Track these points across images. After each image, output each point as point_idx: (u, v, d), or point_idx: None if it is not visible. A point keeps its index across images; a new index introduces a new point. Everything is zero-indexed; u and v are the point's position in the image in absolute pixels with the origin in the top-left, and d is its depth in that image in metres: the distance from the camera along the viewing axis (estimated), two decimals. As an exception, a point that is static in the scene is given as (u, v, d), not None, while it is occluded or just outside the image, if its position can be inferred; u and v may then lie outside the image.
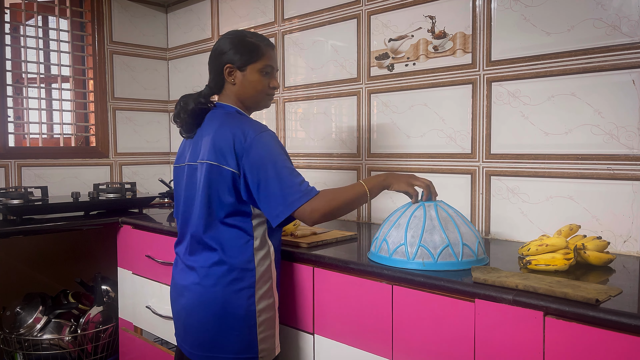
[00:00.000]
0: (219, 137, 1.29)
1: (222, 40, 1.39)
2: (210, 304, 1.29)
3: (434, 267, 1.20)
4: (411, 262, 1.23)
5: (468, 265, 1.21)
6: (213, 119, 1.36)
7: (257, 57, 1.36)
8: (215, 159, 1.28)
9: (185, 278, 1.37)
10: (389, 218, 1.35)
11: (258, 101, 1.42)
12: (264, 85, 1.39)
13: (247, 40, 1.37)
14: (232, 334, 1.28)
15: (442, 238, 1.22)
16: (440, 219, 1.25)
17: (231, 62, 1.35)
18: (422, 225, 1.24)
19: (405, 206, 1.34)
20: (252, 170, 1.25)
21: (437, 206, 1.29)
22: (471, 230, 1.27)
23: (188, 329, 1.35)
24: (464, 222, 1.28)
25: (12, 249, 2.54)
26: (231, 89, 1.39)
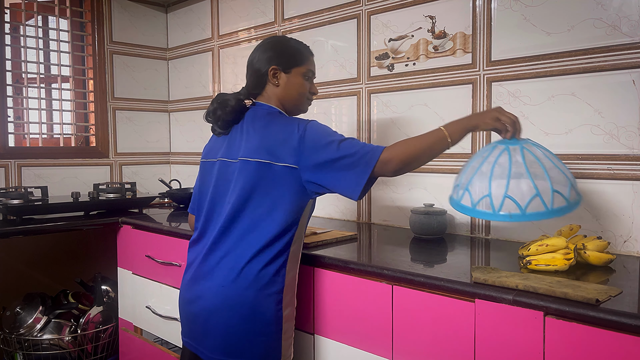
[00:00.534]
0: (269, 135, 1.29)
1: (265, 44, 1.41)
2: (238, 307, 1.26)
3: (522, 218, 1.11)
4: (497, 214, 1.13)
5: (559, 214, 1.10)
6: (255, 117, 1.36)
7: (301, 62, 1.40)
8: (265, 157, 1.27)
9: (207, 278, 1.31)
10: (470, 163, 1.23)
11: (298, 104, 1.43)
12: (306, 89, 1.42)
13: (292, 45, 1.41)
14: (259, 339, 1.26)
15: (530, 187, 1.10)
16: (527, 164, 1.13)
17: (277, 64, 1.37)
18: (507, 174, 1.13)
19: (487, 150, 1.22)
20: (314, 157, 1.24)
21: (523, 149, 1.16)
22: (561, 172, 1.13)
23: (210, 332, 1.29)
24: (554, 164, 1.14)
25: (12, 249, 2.54)
26: (273, 91, 1.40)
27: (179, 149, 3.10)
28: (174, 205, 2.63)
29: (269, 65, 1.37)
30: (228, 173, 1.35)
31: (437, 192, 1.84)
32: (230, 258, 1.29)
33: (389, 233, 1.81)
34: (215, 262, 1.31)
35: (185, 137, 3.04)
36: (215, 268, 1.31)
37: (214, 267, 1.31)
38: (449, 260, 1.44)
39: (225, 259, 1.29)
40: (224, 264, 1.29)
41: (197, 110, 2.93)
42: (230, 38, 2.69)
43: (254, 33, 2.56)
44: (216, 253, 1.32)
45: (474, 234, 1.75)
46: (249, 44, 2.60)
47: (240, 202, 1.29)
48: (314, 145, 1.25)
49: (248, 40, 2.59)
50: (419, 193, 1.90)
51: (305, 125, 1.28)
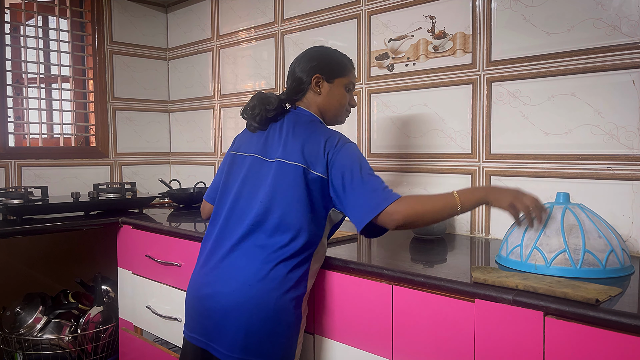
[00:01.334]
0: (311, 143, 1.31)
1: (311, 53, 1.43)
2: (262, 307, 1.24)
3: (546, 271, 1.16)
4: (524, 263, 1.19)
5: (588, 274, 1.13)
6: (297, 122, 1.38)
7: (344, 73, 1.43)
8: (302, 162, 1.29)
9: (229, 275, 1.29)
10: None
11: (337, 115, 1.45)
12: (346, 100, 1.45)
13: (336, 55, 1.44)
14: (280, 340, 1.26)
15: (561, 243, 1.16)
16: (564, 222, 1.18)
17: (321, 72, 1.39)
18: (541, 228, 1.20)
19: None
20: (339, 175, 1.27)
21: (567, 209, 1.21)
22: (605, 239, 1.16)
23: (229, 329, 1.26)
24: (598, 230, 1.17)
25: (12, 249, 2.54)
26: (314, 99, 1.41)
27: (179, 149, 3.10)
28: (174, 205, 2.63)
29: (313, 74, 1.39)
30: (261, 171, 1.35)
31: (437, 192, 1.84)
32: (257, 257, 1.27)
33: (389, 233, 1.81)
34: (240, 259, 1.29)
35: (185, 137, 3.04)
36: (239, 265, 1.28)
37: (238, 265, 1.29)
38: (449, 260, 1.44)
39: (252, 258, 1.28)
40: (251, 262, 1.27)
41: (197, 110, 2.93)
42: (230, 38, 2.69)
43: (254, 33, 2.56)
44: (241, 250, 1.30)
45: (474, 234, 1.75)
46: (249, 44, 2.60)
47: (272, 202, 1.29)
48: (343, 165, 1.27)
49: (248, 40, 2.59)
50: (419, 193, 1.90)
51: (345, 142, 1.31)
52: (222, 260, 1.31)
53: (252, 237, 1.30)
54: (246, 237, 1.30)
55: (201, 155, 2.92)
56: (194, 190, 2.57)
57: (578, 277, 1.12)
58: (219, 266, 1.31)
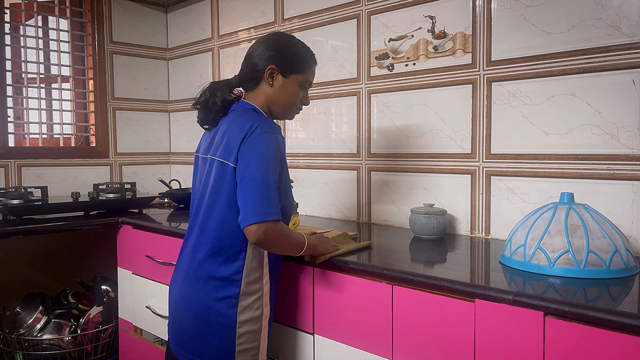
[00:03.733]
0: (229, 134, 1.27)
1: (271, 40, 1.36)
2: (193, 306, 1.28)
3: (549, 271, 1.16)
4: (527, 264, 1.20)
5: (592, 275, 1.13)
6: (233, 115, 1.34)
7: (302, 69, 1.36)
8: (224, 156, 1.26)
9: (178, 272, 1.38)
10: (522, 218, 1.32)
11: (286, 111, 1.40)
12: (298, 98, 1.39)
13: (298, 50, 1.37)
14: (212, 341, 1.26)
15: (564, 243, 1.16)
16: (568, 222, 1.18)
17: (277, 65, 1.33)
18: (545, 228, 1.20)
19: (540, 208, 1.29)
20: (242, 164, 1.21)
21: (571, 209, 1.22)
22: (609, 239, 1.16)
23: (175, 325, 1.36)
24: (602, 230, 1.17)
25: (12, 249, 2.54)
26: (264, 91, 1.36)
27: (179, 149, 3.10)
28: (173, 205, 2.63)
29: (268, 64, 1.32)
30: (204, 170, 1.36)
31: (437, 192, 1.85)
32: (192, 257, 1.32)
33: (389, 233, 1.81)
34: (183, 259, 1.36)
35: (185, 137, 3.04)
36: (182, 265, 1.36)
37: (182, 264, 1.36)
38: (449, 260, 1.43)
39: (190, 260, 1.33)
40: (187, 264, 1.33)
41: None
42: (230, 38, 2.69)
43: (254, 33, 2.56)
44: (185, 251, 1.37)
45: (473, 234, 1.75)
46: (249, 44, 2.59)
47: (208, 202, 1.30)
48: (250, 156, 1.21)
49: (248, 40, 2.59)
50: (419, 193, 1.90)
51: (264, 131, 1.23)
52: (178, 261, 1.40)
53: (191, 237, 1.35)
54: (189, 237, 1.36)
55: (201, 155, 2.91)
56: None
57: (581, 278, 1.13)
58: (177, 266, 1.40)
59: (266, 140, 1.22)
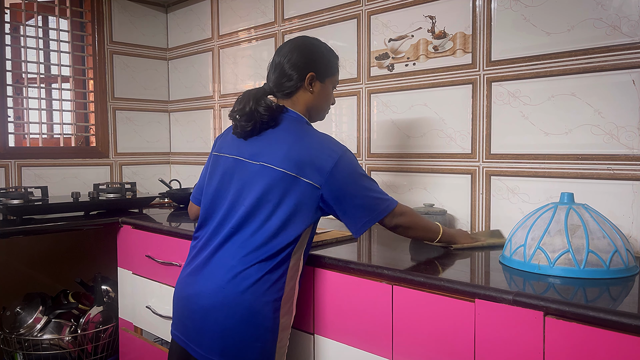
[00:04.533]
0: (300, 149, 1.27)
1: (304, 46, 1.37)
2: (236, 309, 1.23)
3: (549, 271, 1.16)
4: (527, 264, 1.20)
5: (592, 275, 1.13)
6: (286, 125, 1.34)
7: (334, 71, 1.43)
8: (291, 168, 1.26)
9: (208, 276, 1.29)
10: (522, 218, 1.32)
11: (322, 113, 1.45)
12: (331, 99, 1.46)
13: (329, 53, 1.42)
14: (255, 344, 1.24)
15: (564, 243, 1.16)
16: (568, 222, 1.19)
17: (315, 71, 1.36)
18: (545, 228, 1.20)
19: (540, 208, 1.30)
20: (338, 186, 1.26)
21: (571, 209, 1.22)
22: (610, 239, 1.16)
23: (207, 331, 1.27)
24: (602, 230, 1.17)
25: (12, 249, 2.54)
26: (304, 97, 1.38)
27: (179, 149, 3.10)
28: (174, 205, 2.63)
29: (307, 72, 1.35)
30: (245, 174, 1.32)
31: (437, 192, 1.85)
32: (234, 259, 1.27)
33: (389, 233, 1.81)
34: (219, 261, 1.29)
35: (185, 137, 3.04)
36: (218, 267, 1.29)
37: (217, 266, 1.29)
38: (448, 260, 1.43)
39: (230, 259, 1.27)
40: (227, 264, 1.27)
41: (197, 110, 2.93)
42: (230, 38, 2.69)
43: (254, 33, 2.56)
44: (222, 252, 1.30)
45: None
46: (249, 44, 2.60)
47: (255, 206, 1.27)
48: (345, 175, 1.27)
49: (248, 40, 2.59)
50: (419, 193, 1.90)
51: (342, 152, 1.29)
52: (205, 262, 1.32)
53: (233, 239, 1.29)
54: (228, 239, 1.30)
55: (201, 155, 2.92)
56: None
57: (581, 278, 1.12)
58: (202, 267, 1.32)
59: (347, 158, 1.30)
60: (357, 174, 1.29)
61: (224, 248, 1.30)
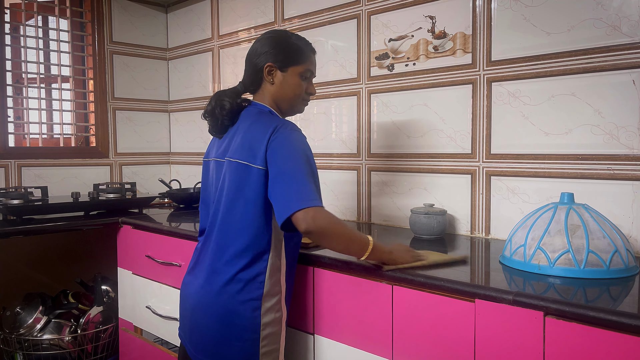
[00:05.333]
0: (250, 135, 1.26)
1: (264, 39, 1.36)
2: (214, 309, 1.26)
3: (549, 271, 1.16)
4: (527, 264, 1.20)
5: (592, 275, 1.13)
6: (246, 117, 1.34)
7: (299, 60, 1.35)
8: (245, 157, 1.25)
9: (195, 276, 1.34)
10: (522, 219, 1.32)
11: (293, 105, 1.39)
12: (302, 90, 1.38)
13: (292, 42, 1.36)
14: (234, 344, 1.24)
15: (564, 243, 1.16)
16: (568, 222, 1.18)
17: (273, 61, 1.33)
18: (545, 228, 1.20)
19: (540, 208, 1.30)
20: (274, 162, 1.20)
21: (571, 209, 1.21)
22: (610, 239, 1.16)
23: (194, 329, 1.31)
24: (602, 230, 1.17)
25: (12, 249, 2.54)
26: (268, 89, 1.36)
27: (179, 149, 3.10)
28: (174, 205, 2.63)
29: (265, 62, 1.33)
30: (220, 173, 1.34)
31: (437, 192, 1.84)
32: (209, 259, 1.30)
33: (389, 233, 1.81)
34: (202, 261, 1.34)
35: (185, 137, 3.04)
36: (201, 267, 1.34)
37: (200, 266, 1.34)
38: (449, 260, 1.43)
39: (207, 260, 1.31)
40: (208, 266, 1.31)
41: (197, 110, 2.93)
42: (230, 38, 2.69)
43: (254, 33, 2.56)
44: (204, 253, 1.34)
45: (473, 234, 1.75)
46: (249, 44, 2.59)
47: (226, 203, 1.28)
48: (280, 154, 1.20)
49: (248, 40, 2.59)
50: (419, 193, 1.90)
51: (288, 129, 1.23)
52: (194, 264, 1.38)
53: (212, 240, 1.33)
54: (210, 240, 1.33)
55: (201, 156, 2.92)
56: (194, 190, 2.57)
57: (581, 278, 1.12)
58: (193, 269, 1.38)
59: (292, 136, 1.23)
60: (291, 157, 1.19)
61: (206, 248, 1.35)
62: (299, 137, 1.24)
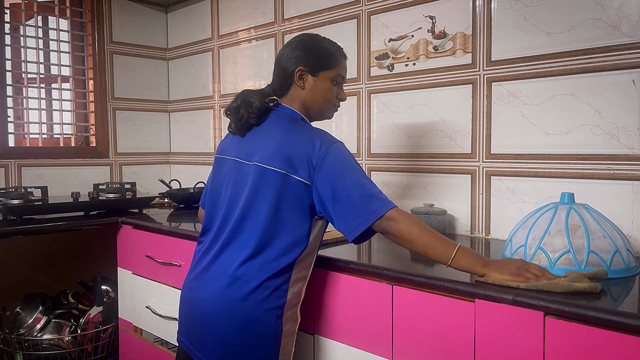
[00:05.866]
0: (288, 145, 1.22)
1: (295, 42, 1.33)
2: (237, 317, 1.21)
3: (550, 271, 1.11)
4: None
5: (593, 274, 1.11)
6: (278, 122, 1.30)
7: (331, 65, 1.32)
8: (280, 166, 1.21)
9: (210, 281, 1.27)
10: (522, 219, 1.32)
11: (323, 110, 1.36)
12: (333, 95, 1.35)
13: (323, 46, 1.33)
14: (256, 352, 1.21)
15: (565, 243, 1.16)
16: (568, 223, 1.18)
17: (304, 65, 1.30)
18: (545, 228, 1.20)
19: (540, 208, 1.29)
20: (327, 180, 1.18)
21: (571, 209, 1.21)
22: (610, 239, 1.16)
23: (208, 337, 1.25)
24: (602, 230, 1.17)
25: (12, 249, 2.54)
26: (298, 94, 1.33)
27: (179, 149, 3.10)
28: (174, 205, 2.63)
29: (296, 66, 1.30)
30: (241, 175, 1.29)
31: (437, 192, 1.84)
32: (233, 264, 1.24)
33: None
34: (220, 266, 1.27)
35: (185, 137, 3.04)
36: (218, 272, 1.26)
37: (217, 271, 1.27)
38: (449, 260, 1.43)
39: (229, 265, 1.25)
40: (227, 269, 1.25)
41: (197, 110, 2.93)
42: (230, 38, 2.69)
43: (254, 33, 2.56)
44: (223, 257, 1.27)
45: (474, 234, 1.75)
46: (249, 44, 2.60)
47: (250, 208, 1.24)
48: (333, 169, 1.18)
49: (248, 40, 2.59)
50: (419, 193, 1.90)
51: (330, 144, 1.21)
52: (207, 266, 1.30)
53: (232, 243, 1.26)
54: (229, 243, 1.27)
55: (201, 155, 2.92)
56: (194, 190, 2.57)
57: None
58: (204, 272, 1.30)
59: (337, 150, 1.21)
60: (347, 170, 1.18)
61: (225, 252, 1.27)
62: (342, 148, 1.23)
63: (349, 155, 1.22)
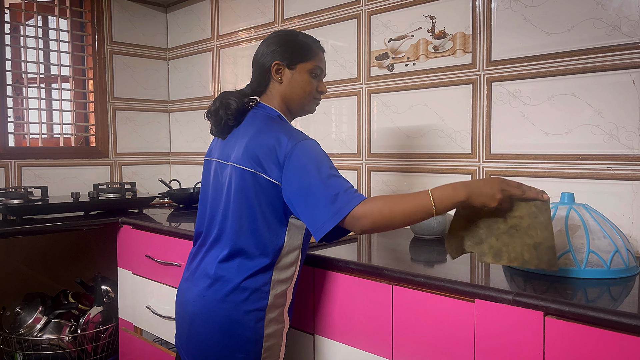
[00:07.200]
0: (256, 143, 1.20)
1: (271, 38, 1.32)
2: (217, 319, 1.20)
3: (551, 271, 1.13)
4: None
5: (593, 275, 1.12)
6: (254, 120, 1.27)
7: (308, 57, 1.30)
8: (250, 165, 1.19)
9: (195, 282, 1.27)
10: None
11: (304, 104, 1.33)
12: (312, 88, 1.32)
13: (299, 39, 1.32)
14: (237, 356, 1.20)
15: (564, 242, 1.15)
16: (568, 222, 1.18)
17: (280, 59, 1.28)
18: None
19: None
20: (293, 179, 1.14)
21: (571, 209, 1.21)
22: (610, 239, 1.16)
23: (192, 338, 1.25)
24: (602, 230, 1.17)
25: (12, 249, 2.54)
26: (277, 89, 1.31)
27: (179, 149, 3.10)
28: (173, 205, 2.63)
29: (273, 61, 1.28)
30: (222, 176, 1.29)
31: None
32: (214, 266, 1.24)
33: (389, 233, 1.81)
34: (203, 268, 1.27)
35: (185, 137, 3.04)
36: (202, 273, 1.27)
37: (201, 272, 1.27)
38: (448, 260, 1.43)
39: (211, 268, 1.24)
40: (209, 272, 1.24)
41: (197, 110, 2.93)
42: (230, 38, 2.69)
43: (254, 33, 2.56)
44: (207, 259, 1.28)
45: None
46: (249, 44, 2.60)
47: (229, 208, 1.23)
48: (298, 167, 1.14)
49: (248, 40, 2.59)
50: (419, 193, 1.89)
51: (297, 142, 1.17)
52: (195, 268, 1.30)
53: (217, 245, 1.26)
54: (214, 245, 1.27)
55: (201, 155, 2.92)
56: (193, 190, 2.57)
57: (582, 278, 1.12)
58: (192, 274, 1.30)
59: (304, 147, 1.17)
60: (313, 167, 1.13)
61: (209, 254, 1.28)
62: (310, 144, 1.18)
63: (317, 152, 1.17)
